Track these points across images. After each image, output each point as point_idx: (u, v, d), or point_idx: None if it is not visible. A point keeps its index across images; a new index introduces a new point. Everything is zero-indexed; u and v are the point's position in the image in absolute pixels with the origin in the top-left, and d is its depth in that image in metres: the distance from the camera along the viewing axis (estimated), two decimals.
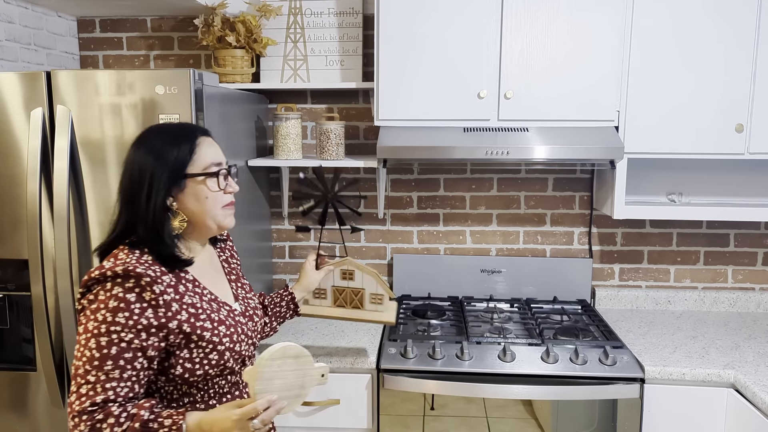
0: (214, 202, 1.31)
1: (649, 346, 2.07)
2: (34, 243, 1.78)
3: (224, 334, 1.29)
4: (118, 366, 1.16)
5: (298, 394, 1.24)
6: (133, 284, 1.18)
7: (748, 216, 2.16)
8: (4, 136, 1.79)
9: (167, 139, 1.27)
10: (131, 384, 1.18)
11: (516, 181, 2.52)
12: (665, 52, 2.06)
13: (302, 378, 1.24)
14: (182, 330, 1.22)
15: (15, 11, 2.16)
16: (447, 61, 2.10)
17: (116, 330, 1.16)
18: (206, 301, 1.30)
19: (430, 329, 2.15)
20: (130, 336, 1.17)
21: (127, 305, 1.17)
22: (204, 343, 1.25)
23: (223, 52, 2.30)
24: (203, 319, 1.26)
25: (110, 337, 1.16)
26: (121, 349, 1.16)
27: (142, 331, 1.18)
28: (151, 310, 1.19)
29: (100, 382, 1.15)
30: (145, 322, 1.18)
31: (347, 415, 2.00)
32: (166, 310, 1.20)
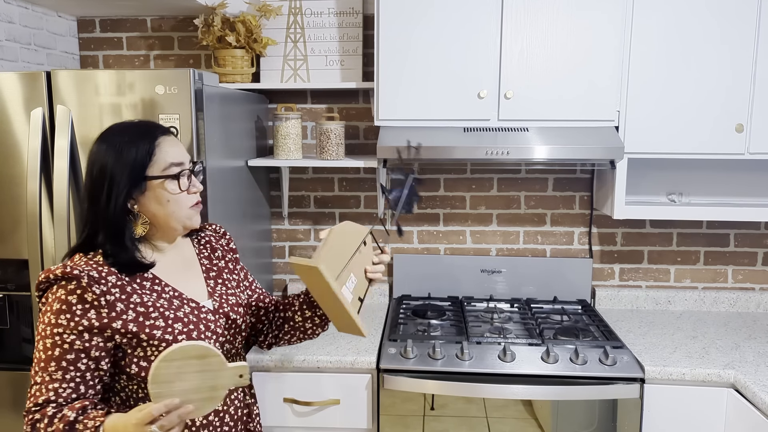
0: (177, 204, 1.28)
1: (649, 346, 2.07)
2: (34, 243, 1.78)
3: (180, 332, 1.26)
4: (61, 367, 1.18)
5: (210, 396, 1.16)
6: (74, 286, 1.19)
7: (748, 216, 2.16)
8: (4, 136, 1.79)
9: (127, 138, 1.24)
10: (75, 385, 1.19)
11: (516, 181, 2.52)
12: (665, 52, 2.06)
13: (212, 380, 1.15)
14: (128, 330, 1.21)
15: (15, 11, 2.16)
16: (447, 61, 2.10)
17: (58, 332, 1.18)
18: (166, 298, 1.29)
19: (430, 329, 2.15)
20: (72, 337, 1.18)
21: (68, 307, 1.18)
22: (156, 341, 1.23)
23: (223, 52, 2.30)
24: (154, 317, 1.24)
25: (54, 339, 1.18)
26: (64, 350, 1.18)
27: (84, 332, 1.18)
28: (93, 311, 1.19)
29: (45, 383, 1.17)
30: (87, 323, 1.18)
31: (347, 415, 2.00)
32: (109, 311, 1.20)
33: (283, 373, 2.00)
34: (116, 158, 1.22)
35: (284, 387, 2.00)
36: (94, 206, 1.24)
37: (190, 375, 1.13)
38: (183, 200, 1.29)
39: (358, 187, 2.57)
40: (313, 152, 2.53)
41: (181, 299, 1.31)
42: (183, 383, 1.13)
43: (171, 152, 1.27)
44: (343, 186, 2.57)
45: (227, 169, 2.05)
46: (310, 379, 1.99)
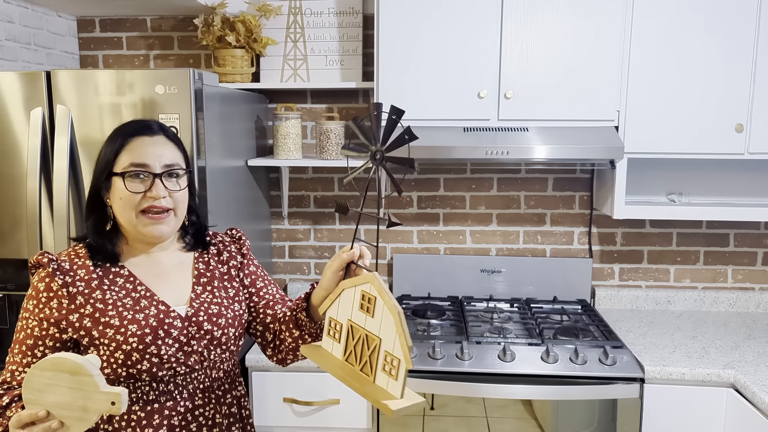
0: (126, 204, 1.24)
1: (649, 346, 2.07)
2: (34, 243, 1.78)
3: (132, 334, 1.21)
4: (21, 351, 1.22)
5: (81, 417, 1.06)
6: (45, 274, 1.24)
7: (748, 216, 2.16)
8: (4, 135, 1.79)
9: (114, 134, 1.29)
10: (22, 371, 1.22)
11: (516, 180, 2.52)
12: (665, 52, 2.06)
13: (84, 400, 1.05)
14: (83, 324, 1.22)
15: (15, 11, 2.16)
16: (447, 61, 2.10)
17: (25, 316, 1.24)
18: (134, 297, 1.25)
19: (430, 329, 2.15)
20: (33, 323, 1.23)
21: (36, 293, 1.24)
22: (106, 340, 1.21)
23: (222, 51, 2.30)
24: (110, 315, 1.22)
25: (21, 323, 1.24)
26: (26, 335, 1.23)
27: (43, 320, 1.22)
28: (55, 300, 1.23)
29: (9, 363, 1.23)
30: (47, 312, 1.22)
31: (347, 415, 2.00)
32: (69, 303, 1.23)
33: (283, 373, 2.00)
34: (101, 152, 1.28)
35: (284, 387, 2.00)
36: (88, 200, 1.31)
37: (61, 389, 1.06)
38: (131, 202, 1.23)
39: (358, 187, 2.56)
40: (313, 152, 2.53)
41: (151, 300, 1.27)
42: (54, 396, 1.06)
43: (138, 152, 1.24)
44: (343, 186, 2.57)
45: (227, 168, 2.05)
46: (310, 379, 1.99)
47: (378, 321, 1.12)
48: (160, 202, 1.24)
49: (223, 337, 1.32)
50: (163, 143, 1.28)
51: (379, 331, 1.11)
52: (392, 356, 1.07)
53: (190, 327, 1.28)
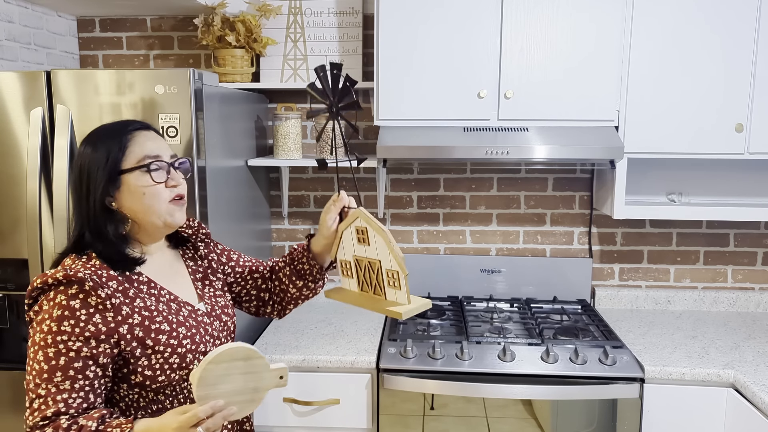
0: (154, 197, 1.22)
1: (648, 346, 2.07)
2: (34, 242, 1.78)
3: (184, 336, 1.24)
4: (68, 377, 1.11)
5: (252, 398, 1.16)
6: (76, 290, 1.14)
7: (748, 216, 2.16)
8: (4, 135, 1.79)
9: (101, 136, 1.23)
10: (84, 394, 1.13)
11: (516, 180, 2.52)
12: (665, 52, 2.06)
13: (255, 381, 1.15)
14: (135, 335, 1.18)
15: (15, 11, 2.16)
16: (447, 61, 2.10)
17: (63, 339, 1.12)
18: (164, 302, 1.26)
19: (430, 329, 2.15)
20: (78, 345, 1.12)
21: (72, 313, 1.13)
22: (161, 347, 1.20)
23: (222, 51, 2.30)
24: (159, 321, 1.21)
25: (57, 348, 1.12)
26: (70, 359, 1.12)
27: (90, 339, 1.13)
28: (98, 315, 1.14)
29: (51, 395, 1.10)
30: (93, 328, 1.13)
31: (347, 415, 2.00)
32: (115, 315, 1.16)
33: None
34: (92, 156, 1.21)
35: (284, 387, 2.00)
36: (79, 206, 1.22)
37: (234, 377, 1.13)
38: (160, 193, 1.22)
39: (357, 187, 2.56)
40: (312, 152, 2.53)
41: (178, 303, 1.29)
42: (228, 385, 1.12)
43: (147, 145, 1.23)
44: (342, 186, 2.56)
45: (227, 168, 2.05)
46: (310, 379, 1.99)
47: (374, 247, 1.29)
48: (180, 189, 1.26)
49: (232, 326, 1.42)
50: (158, 137, 1.29)
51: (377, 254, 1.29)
52: (392, 271, 1.27)
53: (214, 321, 1.35)
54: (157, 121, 1.74)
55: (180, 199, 1.26)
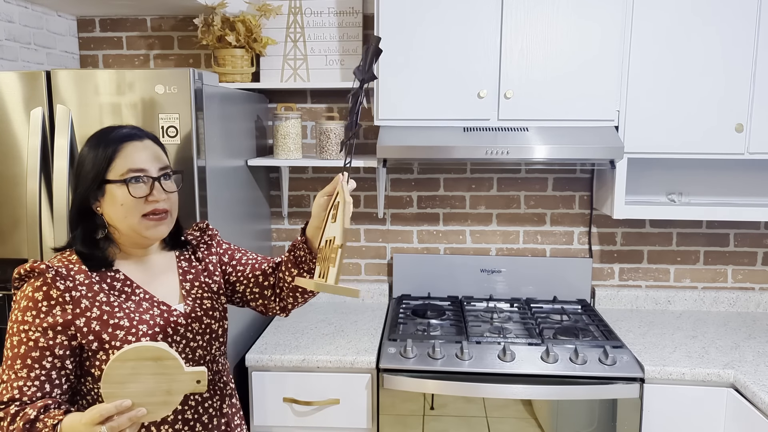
0: (129, 210, 1.24)
1: (648, 346, 2.07)
2: (34, 242, 1.78)
3: (144, 333, 1.25)
4: (26, 365, 1.17)
5: (165, 400, 1.11)
6: (41, 282, 1.19)
7: (748, 216, 2.16)
8: (4, 135, 1.79)
9: (95, 143, 1.26)
10: (39, 384, 1.17)
11: (516, 180, 2.52)
12: (665, 52, 2.06)
13: (168, 383, 1.10)
14: (91, 328, 1.21)
15: (15, 10, 2.16)
16: (447, 61, 2.10)
17: (24, 329, 1.18)
18: (135, 300, 1.28)
19: (430, 329, 2.15)
20: (36, 335, 1.18)
21: (34, 304, 1.18)
22: (118, 342, 1.22)
23: (222, 51, 2.30)
24: (119, 317, 1.24)
25: (20, 337, 1.18)
26: (29, 347, 1.17)
27: (48, 329, 1.18)
28: (59, 307, 1.19)
29: (10, 380, 1.16)
30: (51, 320, 1.18)
31: (347, 415, 2.00)
32: (74, 307, 1.20)
33: (283, 372, 2.00)
34: (86, 159, 1.25)
35: (284, 387, 2.00)
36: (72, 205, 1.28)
37: (144, 377, 1.09)
38: (135, 208, 1.24)
39: (358, 187, 2.57)
40: (312, 152, 2.53)
41: (152, 302, 1.30)
42: (137, 385, 1.09)
43: (134, 157, 1.25)
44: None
45: (227, 168, 2.04)
46: (309, 379, 1.99)
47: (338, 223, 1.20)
48: (160, 205, 1.26)
49: (219, 330, 1.40)
50: (152, 147, 1.30)
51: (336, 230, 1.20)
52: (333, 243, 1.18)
53: (193, 323, 1.34)
54: (157, 121, 1.74)
55: (156, 215, 1.27)
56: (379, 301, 2.59)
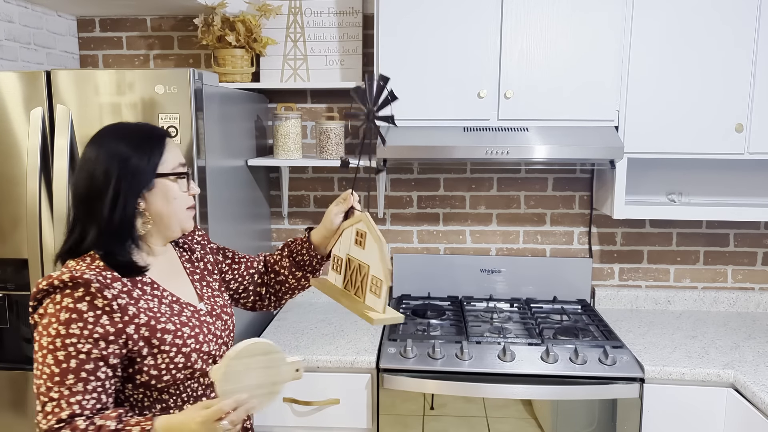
0: (180, 203, 1.28)
1: (648, 346, 2.07)
2: (33, 242, 1.78)
3: (188, 336, 1.25)
4: (81, 379, 1.12)
5: (270, 391, 1.20)
6: (82, 292, 1.14)
7: (748, 216, 2.16)
8: (4, 135, 1.79)
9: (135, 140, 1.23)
10: (97, 395, 1.14)
11: (516, 180, 2.52)
12: (665, 52, 2.06)
13: (274, 375, 1.20)
14: (141, 334, 1.18)
15: (15, 10, 2.16)
16: (447, 61, 2.10)
17: (72, 342, 1.12)
18: (166, 303, 1.27)
19: (430, 329, 2.15)
20: (87, 346, 1.13)
21: (79, 315, 1.13)
22: (167, 346, 1.21)
23: (222, 51, 2.30)
24: (164, 321, 1.22)
25: (67, 351, 1.12)
26: (81, 360, 1.13)
27: (99, 340, 1.14)
28: (105, 317, 1.15)
29: (63, 397, 1.11)
30: (101, 330, 1.14)
31: (347, 415, 2.00)
32: (122, 315, 1.16)
33: None
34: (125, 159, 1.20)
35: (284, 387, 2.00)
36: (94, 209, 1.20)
37: (255, 371, 1.17)
38: (184, 201, 1.29)
39: (358, 187, 2.56)
40: (312, 152, 2.53)
41: (180, 304, 1.30)
42: (249, 379, 1.16)
43: (176, 153, 1.29)
44: (342, 186, 2.57)
45: (227, 168, 2.05)
46: (309, 379, 1.99)
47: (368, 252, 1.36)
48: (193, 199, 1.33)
49: (232, 326, 1.43)
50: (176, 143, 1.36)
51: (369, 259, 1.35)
52: (376, 278, 1.33)
53: (216, 321, 1.36)
54: (157, 121, 1.74)
55: (193, 208, 1.33)
56: None
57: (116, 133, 1.24)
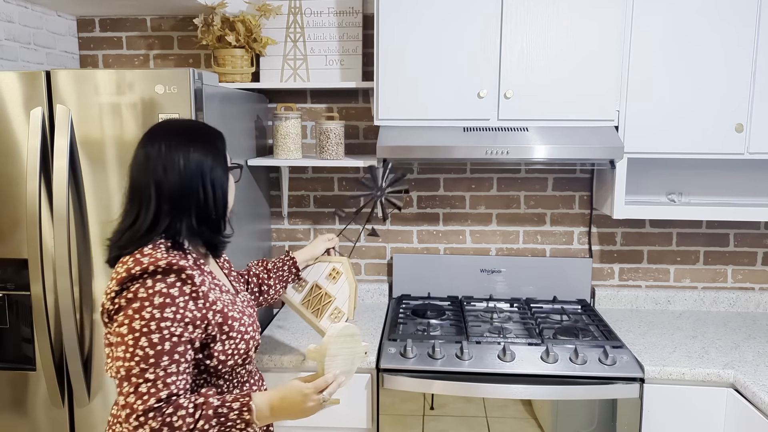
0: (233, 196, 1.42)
1: (648, 346, 2.07)
2: (33, 242, 1.78)
3: (248, 324, 1.34)
4: (174, 360, 1.18)
5: (350, 370, 1.36)
6: (174, 278, 1.20)
7: (748, 216, 2.16)
8: (3, 135, 1.79)
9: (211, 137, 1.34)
10: (186, 376, 1.20)
11: (516, 180, 2.52)
12: (665, 52, 2.06)
13: (354, 356, 1.36)
14: (217, 321, 1.26)
15: (15, 10, 2.15)
16: (447, 61, 2.10)
17: (167, 326, 1.18)
18: (225, 293, 1.35)
19: (430, 329, 2.15)
20: (180, 329, 1.19)
21: (172, 300, 1.19)
22: (234, 333, 1.30)
23: (222, 51, 2.30)
24: (230, 309, 1.31)
25: (162, 333, 1.17)
26: (174, 343, 1.18)
27: (189, 324, 1.21)
28: (192, 302, 1.22)
29: (159, 378, 1.16)
30: (190, 315, 1.21)
31: (347, 415, 1.99)
32: (204, 301, 1.24)
33: (283, 372, 2.00)
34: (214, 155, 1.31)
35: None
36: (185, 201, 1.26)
37: (344, 351, 1.34)
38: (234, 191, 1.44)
39: (357, 187, 2.57)
40: (312, 152, 2.53)
41: (231, 294, 1.39)
42: (339, 358, 1.33)
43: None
44: (342, 186, 2.57)
45: None
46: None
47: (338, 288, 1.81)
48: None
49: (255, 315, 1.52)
50: None
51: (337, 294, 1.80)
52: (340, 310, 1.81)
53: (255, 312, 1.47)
54: (157, 121, 1.74)
55: None
56: (379, 301, 2.59)
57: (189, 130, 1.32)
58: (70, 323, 1.80)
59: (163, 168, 1.25)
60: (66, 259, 1.77)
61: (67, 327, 1.80)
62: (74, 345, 1.81)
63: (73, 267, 1.81)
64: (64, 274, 1.77)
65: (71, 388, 1.86)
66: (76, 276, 1.82)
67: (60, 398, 1.86)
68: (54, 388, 1.84)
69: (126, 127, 1.76)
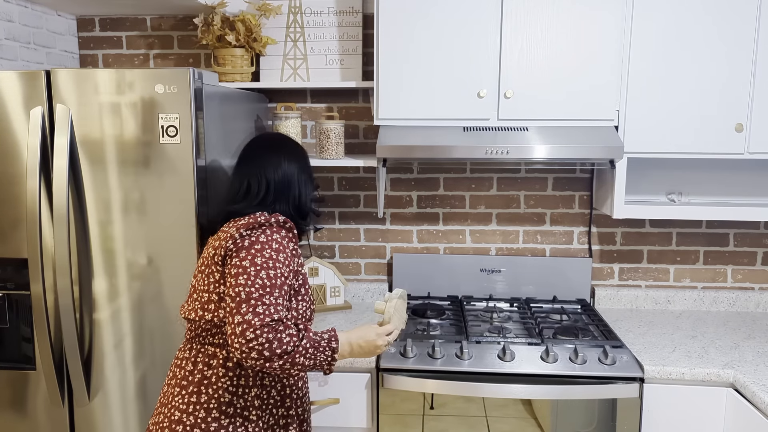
0: None
1: (648, 346, 2.07)
2: (33, 242, 1.78)
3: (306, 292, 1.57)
4: (282, 295, 1.43)
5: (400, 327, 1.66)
6: (285, 233, 1.52)
7: (748, 216, 2.16)
8: (3, 134, 1.79)
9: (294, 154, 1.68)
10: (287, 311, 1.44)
11: (516, 180, 2.52)
12: (665, 52, 2.06)
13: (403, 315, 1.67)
14: (302, 279, 1.54)
15: (14, 10, 2.15)
16: (447, 61, 2.10)
17: (280, 267, 1.45)
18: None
19: (430, 329, 2.15)
20: (287, 272, 1.46)
21: (283, 248, 1.48)
22: (306, 296, 1.56)
23: (222, 51, 2.30)
24: (303, 273, 1.57)
25: (276, 271, 1.43)
26: (282, 282, 1.44)
27: (290, 272, 1.48)
28: (293, 258, 1.51)
29: (274, 304, 1.39)
30: (293, 265, 1.50)
31: (347, 415, 2.00)
32: (298, 259, 1.54)
33: None
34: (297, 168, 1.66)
35: None
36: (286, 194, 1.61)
37: (399, 309, 1.65)
38: None
39: (357, 187, 2.57)
40: (312, 151, 2.53)
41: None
42: (397, 315, 1.64)
43: None
44: (342, 185, 2.57)
45: (227, 168, 2.04)
46: (309, 379, 1.99)
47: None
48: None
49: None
50: None
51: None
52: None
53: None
54: (157, 121, 1.74)
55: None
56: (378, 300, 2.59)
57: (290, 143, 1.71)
58: (70, 323, 1.80)
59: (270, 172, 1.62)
60: (66, 258, 1.77)
61: (67, 326, 1.80)
62: (74, 344, 1.81)
63: (73, 266, 1.81)
64: (64, 273, 1.77)
65: (71, 387, 1.86)
66: (75, 275, 1.82)
67: (60, 398, 1.86)
68: (54, 387, 1.84)
69: (126, 126, 1.76)
